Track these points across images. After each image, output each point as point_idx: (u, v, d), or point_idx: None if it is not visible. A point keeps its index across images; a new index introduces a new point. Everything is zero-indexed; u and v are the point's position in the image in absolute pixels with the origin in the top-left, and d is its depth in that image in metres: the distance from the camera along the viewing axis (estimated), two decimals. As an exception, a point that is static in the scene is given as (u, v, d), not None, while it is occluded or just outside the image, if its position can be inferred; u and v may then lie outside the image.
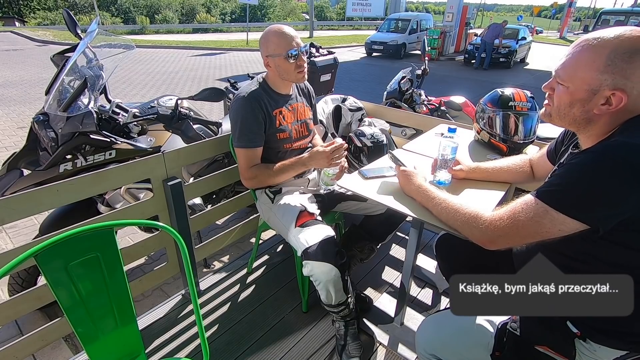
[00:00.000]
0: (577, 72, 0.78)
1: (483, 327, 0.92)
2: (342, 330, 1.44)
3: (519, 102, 1.47)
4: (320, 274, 1.25)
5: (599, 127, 0.81)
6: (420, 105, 2.83)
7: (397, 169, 1.23)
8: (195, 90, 2.40)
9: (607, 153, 0.73)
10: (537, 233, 0.80)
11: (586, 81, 0.77)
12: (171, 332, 1.55)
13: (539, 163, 1.21)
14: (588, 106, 0.78)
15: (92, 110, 1.57)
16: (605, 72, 0.74)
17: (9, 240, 2.47)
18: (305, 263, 1.27)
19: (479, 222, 0.90)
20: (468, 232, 0.93)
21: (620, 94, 0.73)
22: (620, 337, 0.82)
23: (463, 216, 0.94)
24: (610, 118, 0.78)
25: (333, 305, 1.34)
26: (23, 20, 20.26)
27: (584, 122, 0.81)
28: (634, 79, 0.72)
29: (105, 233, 0.88)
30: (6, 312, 1.23)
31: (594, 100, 0.77)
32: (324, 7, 33.71)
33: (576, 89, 0.79)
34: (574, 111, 0.81)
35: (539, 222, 0.78)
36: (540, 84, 0.97)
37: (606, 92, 0.75)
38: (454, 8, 13.23)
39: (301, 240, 1.31)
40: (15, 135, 4.41)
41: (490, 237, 0.87)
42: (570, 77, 0.79)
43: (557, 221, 0.76)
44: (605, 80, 0.74)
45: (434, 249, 1.38)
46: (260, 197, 1.57)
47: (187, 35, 19.74)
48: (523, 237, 0.83)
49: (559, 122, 0.87)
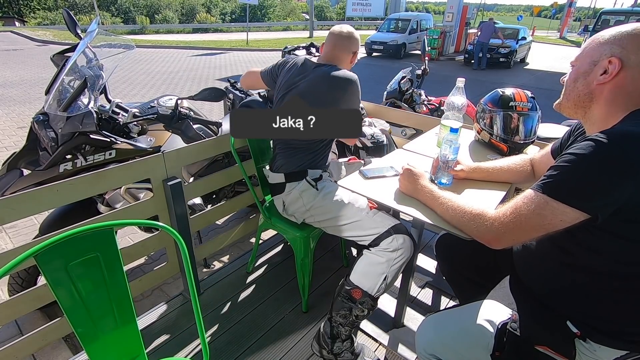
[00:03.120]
0: (584, 51, 0.86)
1: (483, 327, 0.92)
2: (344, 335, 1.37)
3: (520, 102, 1.47)
4: (409, 249, 1.31)
5: (600, 108, 0.84)
6: (420, 105, 2.83)
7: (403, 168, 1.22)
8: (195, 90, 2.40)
9: (603, 141, 0.73)
10: (540, 225, 0.80)
11: (589, 54, 0.84)
12: (171, 332, 1.55)
13: (542, 162, 1.21)
14: (589, 78, 0.84)
15: (92, 110, 1.57)
16: (606, 44, 0.81)
17: (9, 240, 2.47)
18: (396, 237, 1.31)
19: (484, 219, 0.90)
20: (474, 231, 0.93)
21: (616, 59, 0.79)
22: (620, 337, 0.82)
23: (469, 214, 0.94)
24: (610, 94, 0.81)
25: (375, 298, 1.31)
26: (23, 20, 20.27)
27: (586, 98, 0.85)
28: (629, 47, 0.78)
29: (105, 233, 0.88)
30: (6, 312, 1.23)
31: (594, 71, 0.83)
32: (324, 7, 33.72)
33: (581, 64, 0.86)
34: (578, 86, 0.86)
35: (540, 214, 0.79)
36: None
37: (604, 61, 0.81)
38: (454, 8, 13.23)
39: (385, 219, 1.36)
40: (15, 135, 4.41)
41: (496, 234, 0.87)
42: (578, 57, 0.88)
43: (558, 211, 0.77)
44: (604, 50, 0.81)
45: (434, 249, 1.38)
46: (297, 186, 1.49)
47: (187, 35, 19.75)
48: (527, 231, 0.83)
49: (566, 104, 0.91)
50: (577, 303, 0.86)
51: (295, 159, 1.50)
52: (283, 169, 1.52)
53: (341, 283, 1.35)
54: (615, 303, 0.82)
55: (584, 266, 0.83)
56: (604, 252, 0.79)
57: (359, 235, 1.38)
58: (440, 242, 1.36)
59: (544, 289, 0.93)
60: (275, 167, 1.55)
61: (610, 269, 0.80)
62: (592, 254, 0.81)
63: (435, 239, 1.38)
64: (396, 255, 1.29)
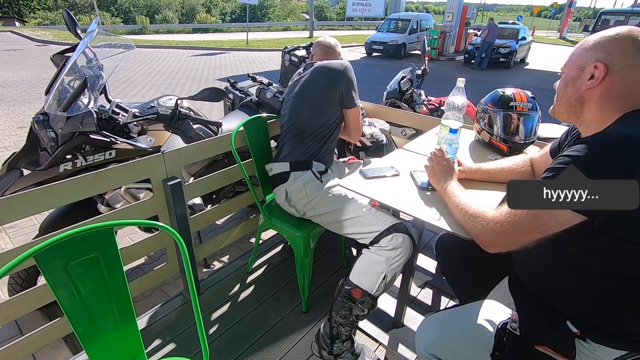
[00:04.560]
0: (572, 57, 0.89)
1: (483, 327, 0.92)
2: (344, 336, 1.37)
3: (520, 102, 1.47)
4: (408, 248, 1.31)
5: (592, 112, 0.85)
6: (420, 105, 2.83)
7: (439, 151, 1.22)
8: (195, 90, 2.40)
9: (598, 144, 0.74)
10: (537, 227, 0.80)
11: (576, 61, 0.87)
12: (171, 332, 1.55)
13: (541, 161, 1.21)
14: (578, 84, 0.86)
15: (92, 110, 1.57)
16: (591, 50, 0.83)
17: (9, 240, 2.47)
18: (396, 235, 1.31)
19: (482, 219, 0.90)
20: (472, 230, 0.93)
21: (601, 64, 0.80)
22: (620, 337, 0.82)
23: (469, 214, 0.95)
24: (600, 98, 0.83)
25: (375, 298, 1.31)
26: (23, 20, 20.25)
27: (577, 103, 0.87)
28: (613, 52, 0.80)
29: (105, 233, 0.88)
30: (6, 312, 1.23)
31: (582, 77, 0.85)
32: (324, 7, 33.71)
33: (569, 71, 0.88)
34: (568, 92, 0.88)
35: (536, 214, 0.79)
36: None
37: (590, 66, 0.83)
38: (454, 8, 13.23)
39: (385, 217, 1.38)
40: (15, 135, 4.41)
41: (491, 235, 0.88)
42: (567, 64, 0.90)
43: (554, 213, 0.77)
44: (590, 56, 0.83)
45: (434, 249, 1.38)
46: (302, 176, 1.54)
47: (187, 35, 19.74)
48: (523, 234, 0.83)
49: (559, 109, 0.93)
50: (577, 303, 0.86)
51: (301, 147, 1.57)
52: (289, 157, 1.58)
53: (341, 283, 1.35)
54: (615, 303, 0.82)
55: (584, 266, 0.83)
56: (603, 253, 0.79)
57: (360, 232, 1.38)
58: (440, 242, 1.36)
59: (543, 288, 0.93)
60: (281, 156, 1.62)
61: (609, 269, 0.80)
62: (591, 254, 0.80)
63: (435, 239, 1.38)
64: (395, 254, 1.30)
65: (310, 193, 1.51)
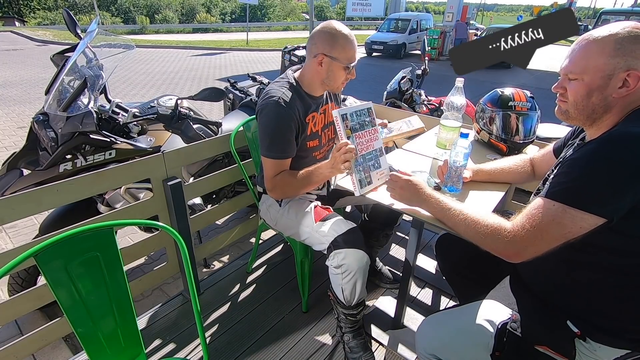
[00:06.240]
0: (588, 63, 0.82)
1: (483, 327, 0.92)
2: (351, 343, 1.40)
3: (519, 102, 1.47)
4: (354, 262, 1.23)
5: (613, 116, 0.83)
6: (420, 105, 2.83)
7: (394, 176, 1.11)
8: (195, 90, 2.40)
9: (612, 145, 0.74)
10: (562, 235, 0.78)
11: (600, 68, 0.80)
12: (171, 332, 1.55)
13: (543, 161, 1.21)
14: (606, 92, 0.81)
15: (92, 110, 1.57)
16: (617, 56, 0.78)
17: (9, 240, 2.47)
18: (336, 253, 1.25)
19: (503, 234, 0.86)
20: (491, 245, 0.89)
21: (635, 72, 0.77)
22: (622, 335, 0.82)
23: (485, 229, 0.89)
24: (625, 102, 0.81)
25: (352, 307, 1.32)
26: (23, 20, 20.27)
27: (602, 109, 0.83)
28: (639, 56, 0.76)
29: (105, 233, 0.88)
30: (6, 312, 1.23)
31: (611, 85, 0.80)
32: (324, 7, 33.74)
33: (592, 79, 0.82)
34: (593, 100, 0.83)
35: (560, 223, 0.77)
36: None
37: (621, 74, 0.78)
38: (454, 8, 13.24)
39: (327, 232, 1.29)
40: (15, 135, 4.41)
41: (518, 248, 0.84)
42: (583, 70, 0.83)
43: (577, 218, 0.76)
44: (618, 63, 0.78)
45: (434, 249, 1.38)
46: (266, 201, 1.54)
47: (187, 35, 19.76)
48: (548, 242, 0.81)
49: (577, 116, 0.88)
50: (578, 300, 0.86)
51: None
52: (259, 181, 1.57)
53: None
54: (617, 299, 0.82)
55: (586, 262, 0.83)
56: (606, 248, 0.79)
57: (318, 250, 1.37)
58: (440, 242, 1.36)
59: (544, 286, 0.93)
60: (257, 177, 1.62)
61: (612, 265, 0.80)
62: (593, 250, 0.81)
63: (435, 239, 1.38)
64: (341, 271, 1.26)
65: (273, 217, 1.53)
